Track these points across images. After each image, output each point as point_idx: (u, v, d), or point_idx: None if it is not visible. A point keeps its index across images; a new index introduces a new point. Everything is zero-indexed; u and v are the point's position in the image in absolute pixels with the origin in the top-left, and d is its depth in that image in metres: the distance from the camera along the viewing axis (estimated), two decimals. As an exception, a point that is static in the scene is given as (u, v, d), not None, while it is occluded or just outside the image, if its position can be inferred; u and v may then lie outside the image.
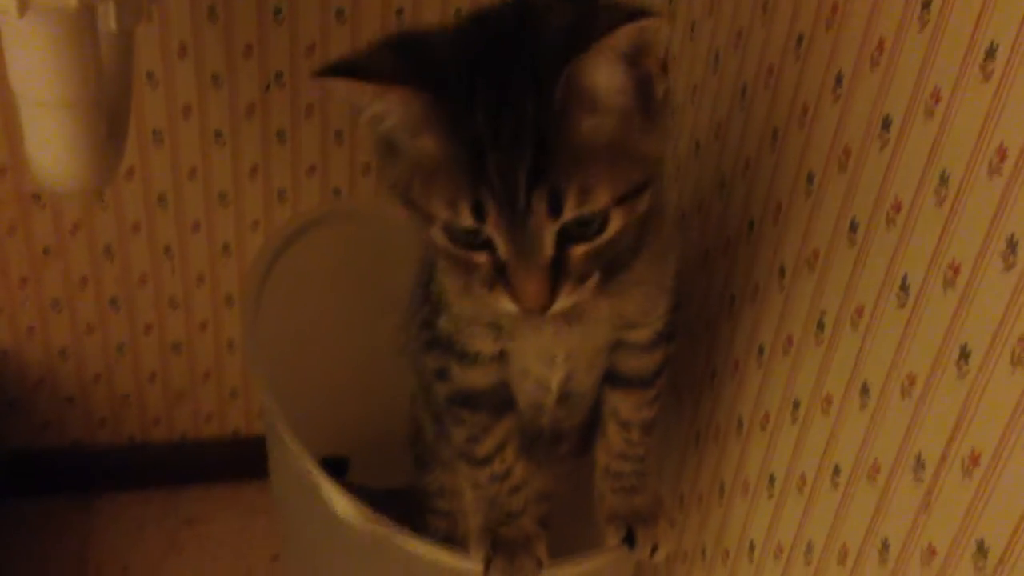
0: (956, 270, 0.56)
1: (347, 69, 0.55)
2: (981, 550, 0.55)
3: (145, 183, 1.17)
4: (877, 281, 0.64)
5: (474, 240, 0.57)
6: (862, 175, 0.65)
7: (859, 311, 0.66)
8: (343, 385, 1.19)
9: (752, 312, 0.81)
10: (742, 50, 0.82)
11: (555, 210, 0.55)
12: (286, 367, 1.04)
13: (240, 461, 1.39)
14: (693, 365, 0.92)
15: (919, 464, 0.60)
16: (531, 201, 0.54)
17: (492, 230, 0.56)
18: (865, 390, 0.65)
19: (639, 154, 0.57)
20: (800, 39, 0.73)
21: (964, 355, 0.56)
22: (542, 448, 0.82)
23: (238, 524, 1.36)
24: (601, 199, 0.55)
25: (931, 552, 0.60)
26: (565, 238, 0.56)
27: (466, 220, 0.56)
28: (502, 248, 0.57)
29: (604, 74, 0.55)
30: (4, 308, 1.22)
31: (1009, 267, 0.52)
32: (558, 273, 0.57)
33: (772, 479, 0.78)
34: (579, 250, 0.57)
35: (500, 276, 0.58)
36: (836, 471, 0.69)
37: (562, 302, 0.58)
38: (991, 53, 0.53)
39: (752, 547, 0.82)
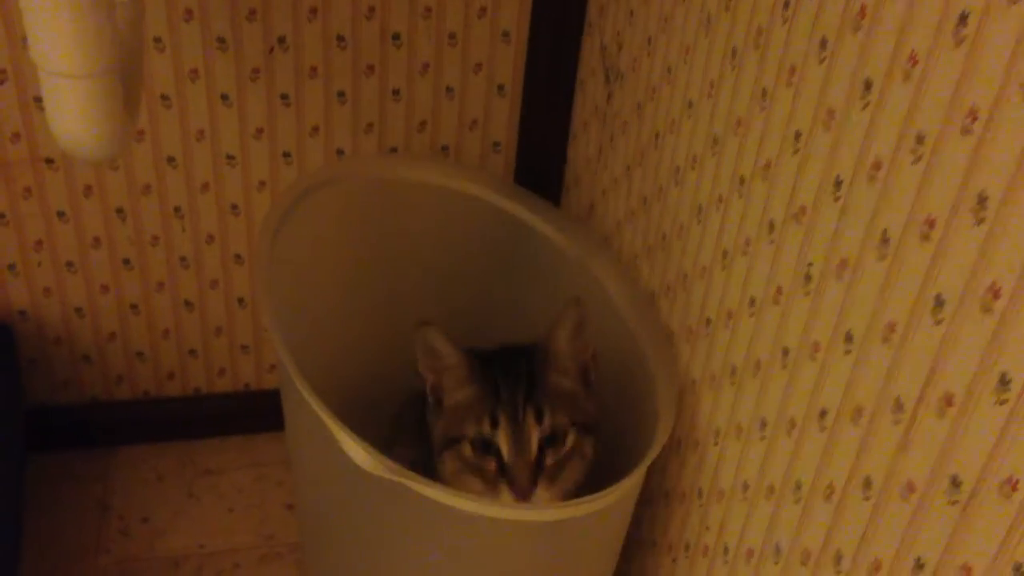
0: (931, 224, 0.60)
1: (437, 327, 0.95)
2: (955, 484, 0.60)
3: (155, 145, 1.20)
4: (860, 235, 0.67)
5: (487, 449, 0.90)
6: (845, 135, 0.69)
7: (843, 263, 0.70)
8: (352, 340, 1.22)
9: (744, 264, 0.84)
10: (732, 13, 0.85)
11: (539, 419, 0.90)
12: (296, 324, 1.08)
13: (252, 414, 1.43)
14: (688, 315, 0.96)
15: (898, 406, 0.64)
16: (525, 412, 0.90)
17: (500, 435, 0.90)
18: (849, 337, 0.69)
19: (583, 407, 0.95)
20: (787, 4, 0.76)
21: (939, 303, 0.60)
22: None
23: (252, 474, 1.40)
24: (563, 418, 0.91)
25: (909, 488, 0.64)
26: (541, 448, 0.90)
27: (485, 428, 0.90)
28: (505, 449, 0.90)
29: (562, 340, 0.95)
30: (21, 269, 1.26)
31: (980, 221, 0.56)
32: (538, 470, 0.89)
33: (763, 423, 0.82)
34: (551, 456, 0.90)
35: (502, 474, 0.89)
36: (823, 414, 0.73)
37: (539, 491, 0.89)
38: (963, 19, 0.57)
39: (745, 487, 0.86)
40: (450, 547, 0.94)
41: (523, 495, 0.88)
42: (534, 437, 0.90)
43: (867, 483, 0.68)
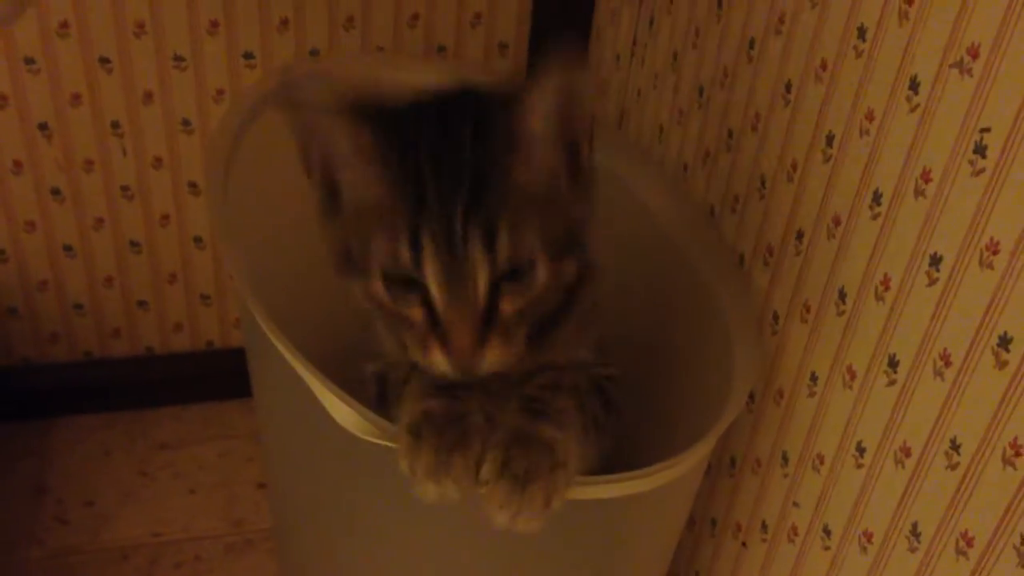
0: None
1: (313, 96, 0.59)
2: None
3: (83, 42, 0.98)
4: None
5: (410, 289, 0.59)
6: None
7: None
8: (335, 283, 1.01)
9: (863, 148, 0.63)
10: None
11: (489, 247, 0.57)
12: (264, 265, 0.87)
13: (216, 377, 1.25)
14: (767, 230, 0.75)
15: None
16: (467, 234, 0.57)
17: (427, 270, 0.58)
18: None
19: (566, 215, 0.61)
20: None
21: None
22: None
23: (217, 448, 1.22)
24: (530, 244, 0.58)
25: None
26: (495, 291, 0.58)
27: (404, 256, 0.58)
28: (435, 293, 0.58)
29: (538, 120, 0.58)
30: (-77, 202, 1.04)
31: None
32: (488, 325, 0.59)
33: (894, 361, 0.61)
34: (508, 302, 0.59)
35: (433, 330, 0.59)
36: (1005, 341, 0.52)
37: (490, 356, 0.59)
38: None
39: (862, 449, 0.65)
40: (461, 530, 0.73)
41: (465, 363, 0.59)
42: (482, 274, 0.58)
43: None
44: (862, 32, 0.62)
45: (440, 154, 0.58)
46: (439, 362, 0.59)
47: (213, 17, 0.99)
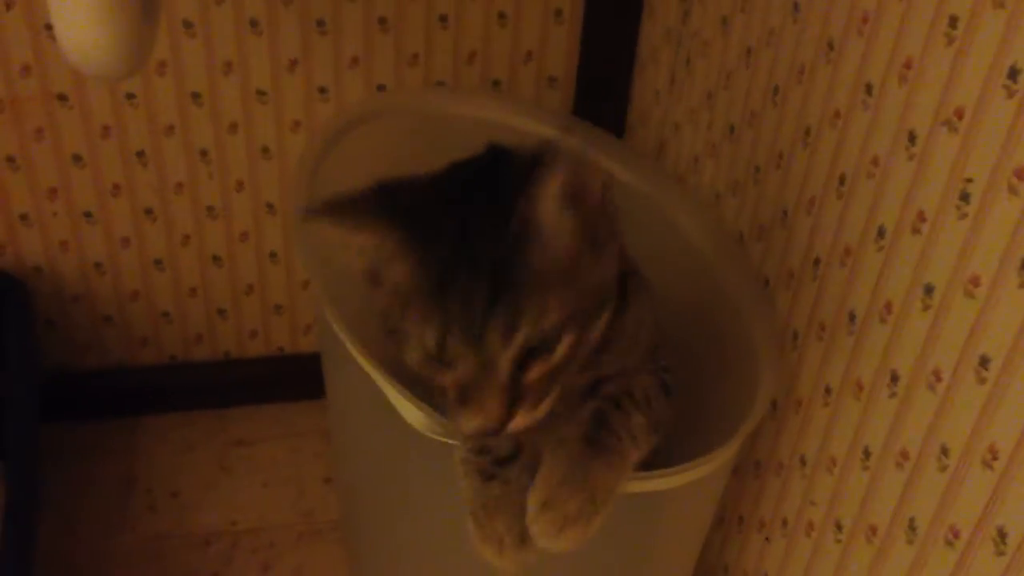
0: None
1: (329, 210, 0.64)
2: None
3: (177, 79, 1.08)
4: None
5: (440, 362, 0.63)
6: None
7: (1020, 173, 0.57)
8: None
9: (870, 189, 0.72)
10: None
11: (508, 336, 0.60)
12: (335, 280, 0.96)
13: (286, 380, 1.34)
14: (788, 257, 0.83)
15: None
16: (487, 327, 0.60)
17: (451, 357, 0.62)
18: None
19: (587, 284, 0.63)
20: None
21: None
22: None
23: (288, 445, 1.31)
24: (553, 321, 0.61)
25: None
26: (520, 358, 0.61)
27: (430, 343, 0.62)
28: (461, 376, 0.62)
29: (548, 213, 0.60)
30: (34, 220, 1.15)
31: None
32: (515, 394, 0.62)
33: (895, 376, 0.70)
34: (534, 371, 0.62)
35: (463, 396, 0.63)
36: (984, 362, 0.61)
37: (518, 422, 0.63)
38: None
39: (867, 454, 0.74)
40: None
41: (493, 430, 0.63)
42: (503, 359, 0.61)
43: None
44: (869, 88, 0.71)
45: (460, 244, 0.61)
46: (469, 423, 0.63)
47: (292, 56, 1.09)
